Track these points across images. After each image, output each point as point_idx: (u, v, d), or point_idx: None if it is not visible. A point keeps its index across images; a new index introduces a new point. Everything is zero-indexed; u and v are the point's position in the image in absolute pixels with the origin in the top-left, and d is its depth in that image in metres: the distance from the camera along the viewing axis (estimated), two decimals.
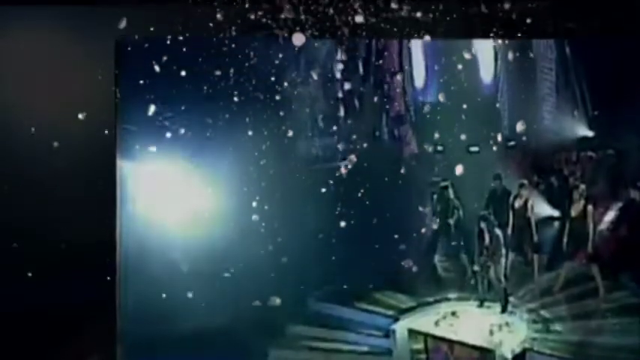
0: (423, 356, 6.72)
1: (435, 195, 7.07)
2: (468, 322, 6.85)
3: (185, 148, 6.32)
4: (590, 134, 7.01)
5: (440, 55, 6.80)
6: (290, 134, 6.54)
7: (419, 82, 6.98)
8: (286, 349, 6.62)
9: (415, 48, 6.88)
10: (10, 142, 6.09)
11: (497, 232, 6.94)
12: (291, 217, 6.52)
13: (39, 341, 6.03)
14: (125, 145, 6.12)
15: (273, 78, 6.40)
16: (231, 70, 6.23)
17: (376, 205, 6.68)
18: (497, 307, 6.93)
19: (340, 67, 6.64)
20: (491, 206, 6.98)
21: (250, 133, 6.44)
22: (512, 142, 6.90)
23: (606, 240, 6.89)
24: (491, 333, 6.68)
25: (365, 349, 6.76)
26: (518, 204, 7.01)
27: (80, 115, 6.03)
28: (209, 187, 6.37)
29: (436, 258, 7.11)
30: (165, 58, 6.03)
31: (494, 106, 7.03)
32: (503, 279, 6.95)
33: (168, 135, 6.27)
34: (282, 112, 6.49)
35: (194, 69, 6.13)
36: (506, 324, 6.80)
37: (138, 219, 6.20)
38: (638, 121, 6.60)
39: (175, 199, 6.34)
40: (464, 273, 7.08)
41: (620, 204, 6.90)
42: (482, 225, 6.93)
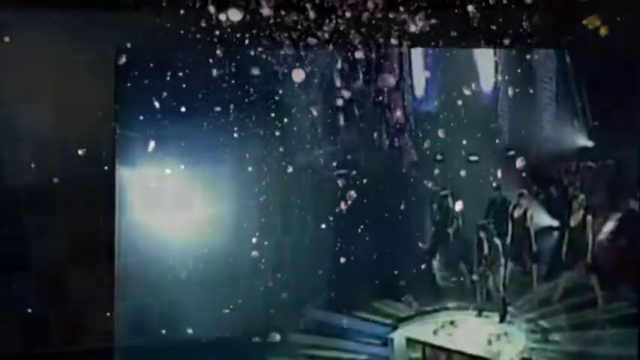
0: None
1: (435, 204, 7.07)
2: (466, 331, 6.84)
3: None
4: (590, 144, 7.00)
5: (440, 66, 6.80)
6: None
7: (419, 91, 6.98)
8: (284, 357, 6.62)
9: (415, 58, 6.89)
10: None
11: (497, 241, 6.94)
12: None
13: (37, 346, 6.05)
14: None
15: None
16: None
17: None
18: (496, 317, 6.92)
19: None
20: (491, 216, 6.99)
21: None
22: (511, 152, 6.91)
23: (605, 250, 6.89)
24: (490, 343, 6.68)
25: (363, 357, 6.76)
26: (517, 214, 7.00)
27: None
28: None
29: (435, 267, 7.10)
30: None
31: (494, 116, 7.02)
32: (501, 288, 6.94)
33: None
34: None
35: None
36: (505, 334, 6.79)
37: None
38: (638, 132, 6.61)
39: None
40: (463, 282, 7.07)
41: (620, 214, 6.90)
42: (482, 234, 6.93)
